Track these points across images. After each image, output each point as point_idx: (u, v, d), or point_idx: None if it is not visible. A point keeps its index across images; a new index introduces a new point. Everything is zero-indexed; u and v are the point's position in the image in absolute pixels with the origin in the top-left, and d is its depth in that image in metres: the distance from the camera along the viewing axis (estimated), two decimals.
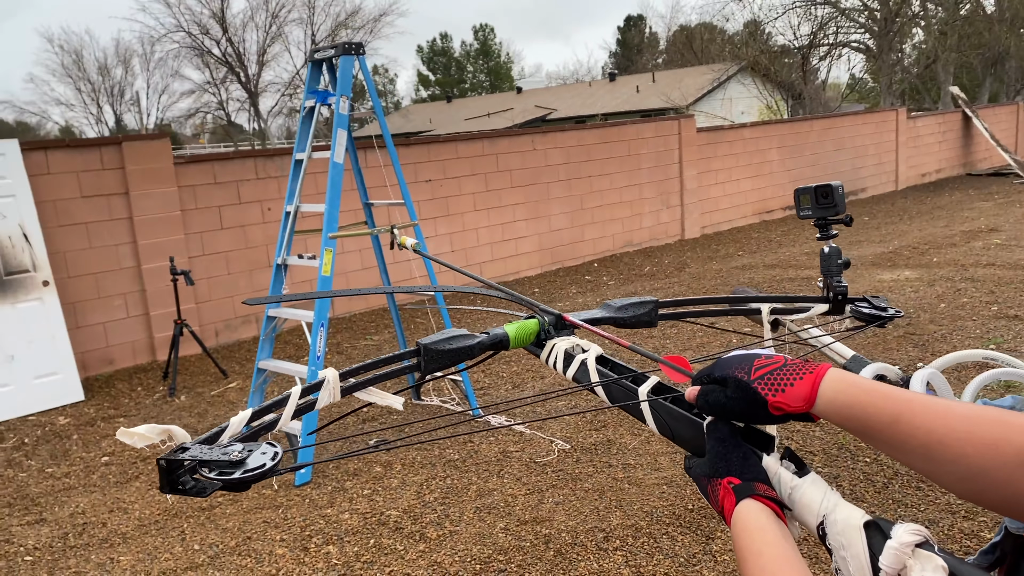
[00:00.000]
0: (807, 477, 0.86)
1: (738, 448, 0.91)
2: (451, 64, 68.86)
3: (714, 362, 0.95)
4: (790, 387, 0.87)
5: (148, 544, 3.96)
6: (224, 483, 0.80)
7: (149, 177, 7.26)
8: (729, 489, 0.87)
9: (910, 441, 0.80)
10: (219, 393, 6.39)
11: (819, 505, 0.83)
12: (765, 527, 0.82)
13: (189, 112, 42.25)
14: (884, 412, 0.82)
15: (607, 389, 1.04)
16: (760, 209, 14.21)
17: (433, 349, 1.06)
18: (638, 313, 1.21)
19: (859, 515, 0.80)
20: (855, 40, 23.45)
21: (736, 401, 0.90)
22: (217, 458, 0.81)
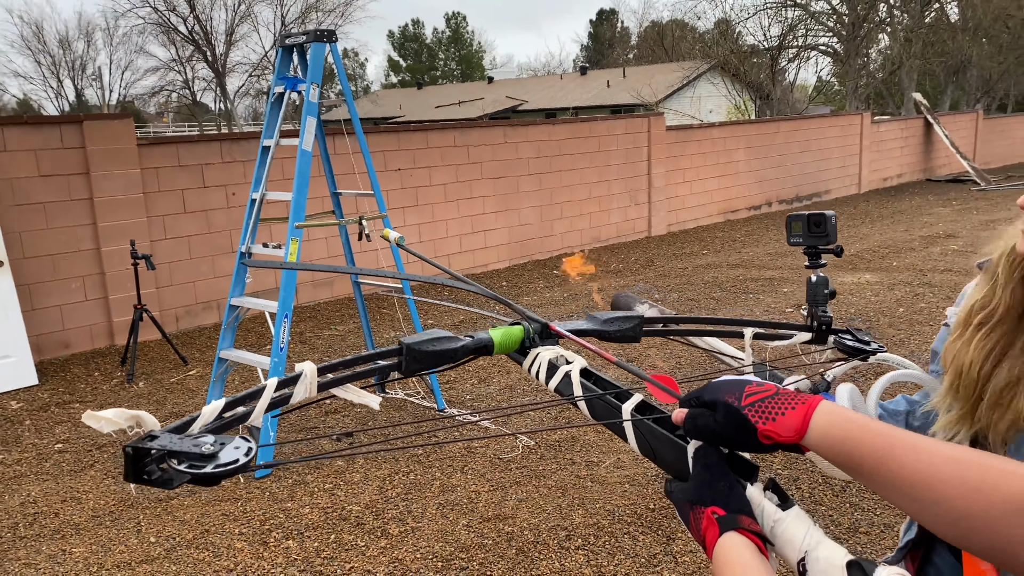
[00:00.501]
0: (791, 511, 0.85)
1: (725, 477, 0.89)
2: (422, 51, 68.38)
3: (704, 385, 0.94)
4: (781, 416, 0.86)
5: (102, 535, 3.88)
6: (194, 476, 0.76)
7: (111, 157, 7.09)
8: (713, 520, 0.86)
9: (896, 480, 0.80)
10: (178, 380, 6.28)
11: (802, 541, 0.82)
12: (748, 564, 0.81)
13: (153, 90, 41.38)
14: (874, 449, 0.82)
15: (590, 404, 1.02)
16: (725, 209, 14.34)
17: (416, 349, 1.03)
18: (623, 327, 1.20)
19: (842, 555, 0.79)
20: (823, 43, 23.75)
21: (724, 427, 0.88)
22: (188, 450, 0.76)
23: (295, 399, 0.95)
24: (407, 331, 7.22)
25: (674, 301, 8.40)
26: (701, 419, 0.90)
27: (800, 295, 8.40)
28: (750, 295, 8.42)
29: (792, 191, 15.88)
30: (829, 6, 22.92)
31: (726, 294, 8.53)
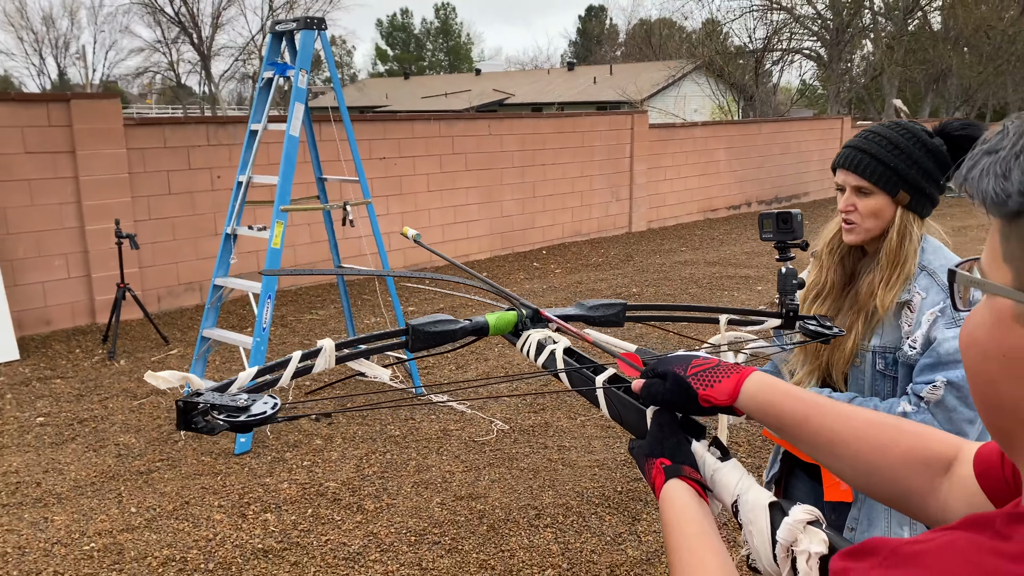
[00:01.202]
0: (728, 462, 0.98)
1: (674, 435, 1.02)
2: (410, 40, 68.19)
3: (659, 359, 1.08)
4: (718, 383, 1.00)
5: (83, 505, 3.98)
6: (231, 424, 0.91)
7: (97, 137, 7.13)
8: (660, 469, 0.98)
9: (816, 438, 0.94)
10: (160, 359, 6.36)
11: (735, 486, 0.95)
12: (687, 504, 0.93)
13: (138, 71, 41.03)
14: (796, 412, 0.95)
15: (569, 376, 1.17)
16: (705, 207, 14.53)
17: (421, 330, 1.18)
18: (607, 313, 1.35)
19: (766, 496, 0.92)
20: (807, 47, 24.02)
21: (672, 393, 1.02)
22: (227, 403, 0.93)
23: (316, 369, 1.11)
24: (388, 317, 7.33)
25: (651, 295, 8.56)
26: (654, 387, 1.04)
27: (774, 292, 8.58)
28: (725, 292, 8.60)
29: (771, 192, 16.10)
30: (814, 10, 23.18)
31: (702, 290, 8.70)
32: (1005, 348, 0.59)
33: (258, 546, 3.59)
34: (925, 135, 1.74)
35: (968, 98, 26.60)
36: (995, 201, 0.57)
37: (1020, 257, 0.57)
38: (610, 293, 8.63)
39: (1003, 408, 0.61)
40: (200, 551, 3.56)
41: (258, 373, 1.06)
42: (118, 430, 4.93)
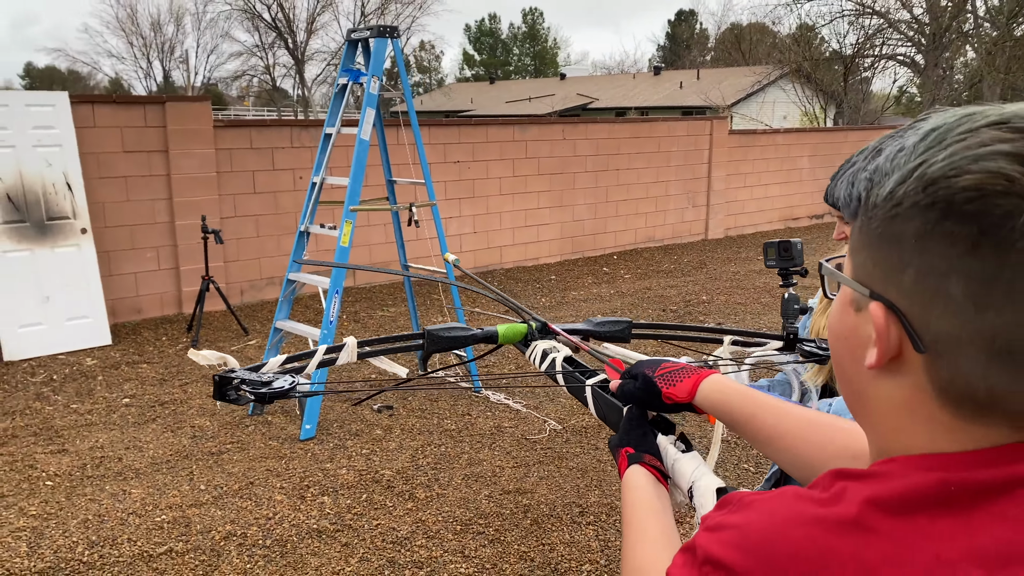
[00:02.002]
0: (688, 454, 1.11)
1: (640, 427, 1.14)
2: (497, 45, 68.83)
3: (636, 363, 1.22)
4: (679, 382, 1.13)
5: (158, 481, 4.27)
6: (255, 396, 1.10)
7: (189, 137, 7.57)
8: (625, 456, 1.10)
9: (760, 434, 1.05)
10: (239, 349, 6.71)
11: (691, 474, 1.07)
12: (643, 486, 1.05)
13: (236, 74, 42.75)
14: (744, 410, 1.06)
15: (565, 379, 1.35)
16: (786, 216, 14.26)
17: (435, 335, 1.37)
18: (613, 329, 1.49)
19: (715, 483, 1.04)
20: (901, 54, 23.21)
21: (641, 391, 1.15)
22: (253, 379, 1.13)
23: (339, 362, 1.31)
24: (452, 317, 7.52)
25: (721, 303, 8.50)
26: (627, 386, 1.18)
27: None
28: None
29: None
30: (910, 15, 22.40)
31: (775, 300, 8.58)
32: (844, 329, 0.69)
33: (313, 526, 3.80)
34: None
35: None
36: (844, 204, 0.67)
37: (855, 252, 0.66)
38: (679, 300, 8.61)
39: (846, 382, 0.71)
40: (260, 528, 3.78)
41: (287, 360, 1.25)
42: (195, 413, 5.25)
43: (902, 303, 0.61)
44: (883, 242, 0.62)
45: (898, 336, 0.62)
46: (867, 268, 0.64)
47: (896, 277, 0.61)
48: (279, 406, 5.36)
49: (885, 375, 0.65)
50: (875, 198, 0.62)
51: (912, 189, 0.59)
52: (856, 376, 0.68)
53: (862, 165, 0.65)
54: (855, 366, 0.68)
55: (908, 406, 0.64)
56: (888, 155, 0.63)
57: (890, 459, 0.65)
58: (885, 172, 0.62)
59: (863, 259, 0.65)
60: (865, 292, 0.64)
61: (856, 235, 0.66)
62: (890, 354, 0.63)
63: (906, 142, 0.62)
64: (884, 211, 0.61)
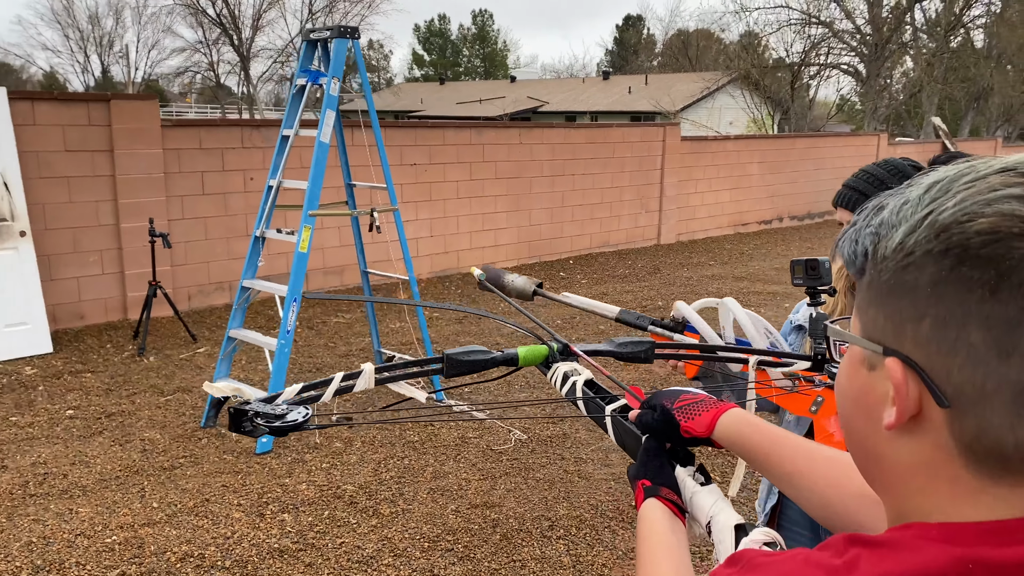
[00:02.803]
0: (707, 487, 1.07)
1: (657, 459, 1.11)
2: (447, 46, 68.60)
3: (655, 392, 1.18)
4: (698, 416, 1.10)
5: (108, 498, 4.07)
6: (269, 428, 1.08)
7: (135, 137, 7.29)
8: (641, 489, 1.08)
9: (778, 471, 1.02)
10: (188, 357, 6.48)
11: (709, 508, 1.03)
12: (658, 519, 1.02)
13: (178, 70, 41.73)
14: (762, 446, 1.04)
15: (585, 404, 1.31)
16: (736, 221, 14.45)
17: (455, 359, 1.32)
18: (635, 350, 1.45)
19: (734, 519, 1.00)
20: (845, 63, 23.79)
21: (659, 423, 1.12)
22: (267, 411, 1.10)
23: (356, 389, 1.26)
24: (412, 324, 7.39)
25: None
26: (645, 417, 1.15)
27: None
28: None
29: (804, 207, 15.97)
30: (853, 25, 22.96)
31: None
32: (855, 389, 0.67)
33: (274, 546, 3.65)
34: (913, 171, 1.86)
35: (1009, 117, 26.17)
36: (848, 262, 0.67)
37: (864, 310, 0.65)
38: (635, 305, 8.62)
39: (858, 445, 0.68)
40: (218, 548, 3.62)
41: (302, 389, 1.21)
42: (144, 425, 5.04)
43: (920, 356, 0.59)
44: (895, 294, 0.60)
45: (918, 392, 0.60)
46: (878, 324, 0.63)
47: (911, 329, 0.59)
48: None
49: (904, 435, 0.62)
50: (884, 250, 0.62)
51: (923, 237, 0.58)
52: (871, 437, 0.66)
53: (864, 223, 0.66)
54: (870, 427, 0.65)
55: (929, 467, 0.61)
56: (893, 209, 0.63)
57: (907, 525, 0.62)
58: (892, 225, 0.62)
59: (873, 315, 0.63)
60: (878, 349, 0.62)
61: (864, 291, 0.65)
62: (910, 412, 0.60)
63: (910, 195, 0.62)
64: (895, 262, 0.60)
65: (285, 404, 1.14)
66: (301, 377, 5.99)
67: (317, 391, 1.23)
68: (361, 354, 6.62)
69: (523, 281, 1.77)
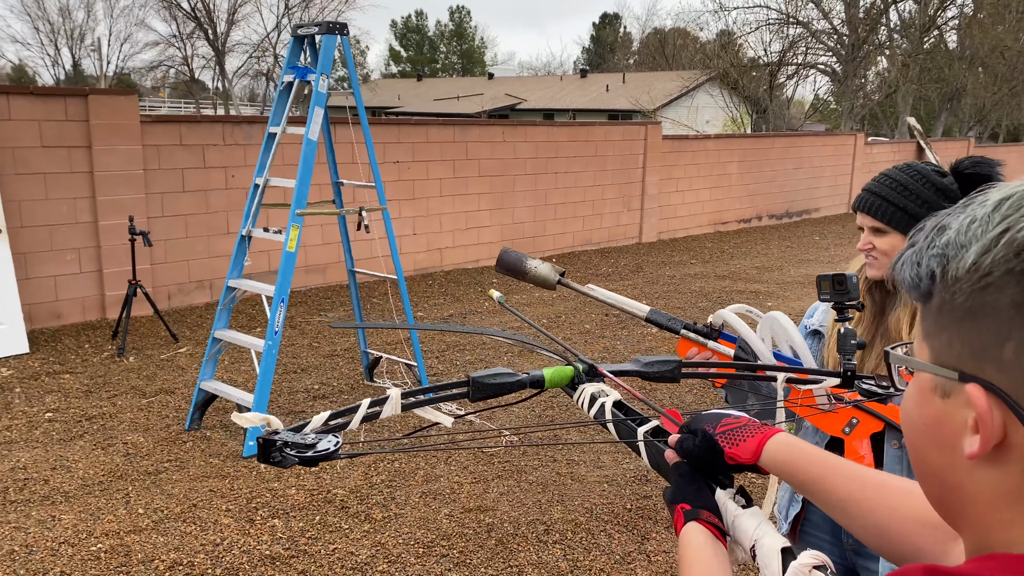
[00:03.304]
0: (749, 510, 1.05)
1: (694, 482, 1.09)
2: (424, 43, 68.34)
3: (695, 416, 1.15)
4: (743, 442, 1.07)
5: (91, 504, 3.97)
6: (300, 459, 1.07)
7: (114, 133, 7.14)
8: (681, 513, 1.05)
9: (829, 497, 1.00)
10: (168, 357, 6.36)
11: (753, 531, 1.01)
12: (701, 544, 1.00)
13: (151, 64, 41.10)
14: (812, 472, 1.01)
15: (616, 427, 1.28)
16: (716, 220, 14.50)
17: (481, 382, 1.29)
18: (662, 370, 1.42)
19: (780, 542, 0.97)
20: (822, 63, 23.99)
21: (701, 449, 1.09)
22: (297, 441, 1.09)
23: (383, 415, 1.24)
24: (399, 321, 7.32)
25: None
26: (686, 442, 1.11)
27: (783, 309, 8.50)
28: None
29: (783, 206, 16.07)
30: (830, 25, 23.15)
31: (712, 304, 8.67)
32: (927, 419, 0.64)
33: (265, 552, 3.58)
34: (935, 175, 1.84)
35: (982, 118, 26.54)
36: (912, 286, 0.64)
37: (935, 335, 0.63)
38: None
39: (932, 476, 0.66)
40: (207, 555, 3.54)
41: (330, 417, 1.19)
42: (126, 428, 4.93)
43: (1003, 381, 0.57)
44: (972, 317, 0.58)
45: (1002, 418, 0.58)
46: (953, 349, 0.61)
47: (993, 353, 0.57)
48: (218, 419, 5.08)
49: (986, 464, 0.60)
50: (955, 271, 0.60)
51: (1002, 256, 0.56)
52: (947, 468, 0.63)
53: (925, 244, 0.64)
54: (946, 457, 0.63)
55: (1014, 496, 0.59)
56: (959, 229, 0.61)
57: (991, 556, 0.60)
58: (961, 244, 0.60)
59: (947, 340, 0.61)
60: (953, 375, 0.60)
61: (934, 316, 0.63)
62: (994, 440, 0.58)
63: (975, 213, 0.60)
64: (970, 284, 0.58)
65: (314, 434, 1.13)
66: (286, 377, 5.90)
67: (344, 419, 1.21)
68: (346, 354, 6.54)
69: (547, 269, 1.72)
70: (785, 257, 12.02)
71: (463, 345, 6.87)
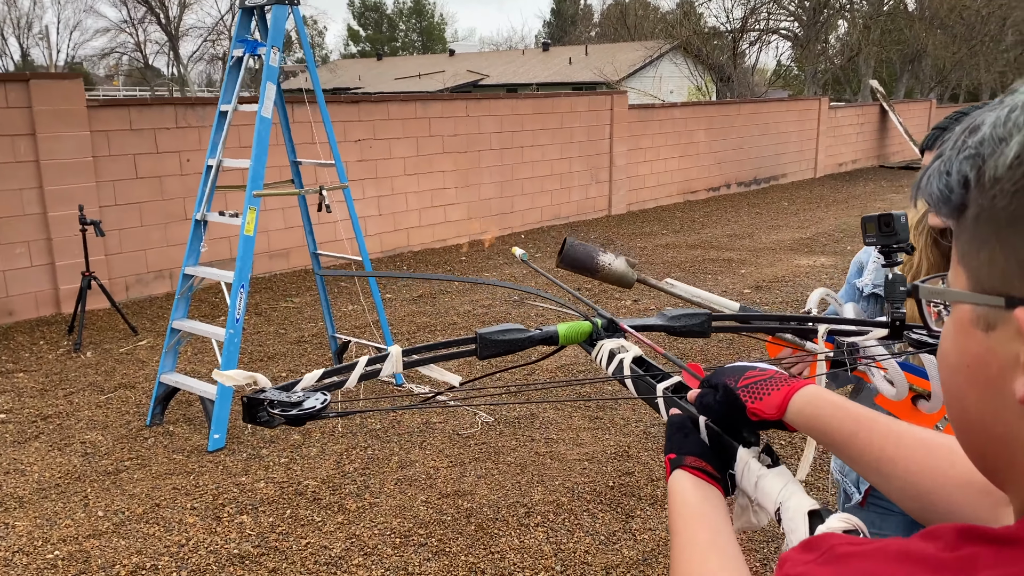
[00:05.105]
0: (774, 469, 0.94)
1: (681, 430, 0.99)
2: (383, 21, 67.32)
3: (717, 369, 1.04)
4: (767, 396, 0.96)
5: (47, 509, 3.76)
6: (285, 418, 1.00)
7: (59, 119, 6.83)
8: (668, 463, 0.97)
9: (864, 456, 0.88)
10: (128, 351, 6.12)
11: (778, 493, 0.90)
12: (686, 490, 0.91)
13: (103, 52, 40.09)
14: (844, 427, 0.89)
15: (635, 384, 1.18)
16: (685, 189, 14.42)
17: (488, 338, 1.20)
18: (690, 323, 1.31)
19: (807, 504, 0.87)
20: (784, 28, 23.93)
21: (721, 404, 0.98)
22: (282, 399, 1.02)
23: (383, 374, 1.15)
24: (367, 303, 7.13)
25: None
26: (706, 397, 1.00)
27: (757, 276, 8.50)
28: (708, 275, 8.49)
29: (750, 173, 16.03)
30: None
31: (686, 274, 8.58)
32: (967, 357, 0.55)
33: (234, 551, 3.41)
34: None
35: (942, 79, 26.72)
36: (941, 199, 0.55)
37: (972, 254, 0.54)
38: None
39: (973, 426, 0.57)
40: (172, 557, 3.37)
41: (323, 375, 1.11)
42: (84, 427, 4.71)
43: None
44: (1018, 223, 0.49)
45: None
46: (996, 267, 0.51)
47: None
48: (181, 414, 4.87)
49: None
50: (993, 171, 0.50)
51: None
52: (993, 415, 0.54)
53: (955, 150, 0.54)
54: (991, 401, 0.54)
55: None
56: (995, 123, 0.51)
57: None
58: (1000, 139, 0.50)
59: (987, 257, 0.52)
60: (999, 302, 0.51)
61: (970, 232, 0.54)
62: None
63: (1016, 101, 0.51)
64: (1013, 182, 0.49)
65: (302, 391, 1.06)
66: (251, 366, 5.69)
67: (340, 376, 1.13)
68: (315, 340, 6.34)
69: (623, 265, 1.56)
70: (755, 224, 11.97)
71: (434, 326, 6.71)
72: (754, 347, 5.99)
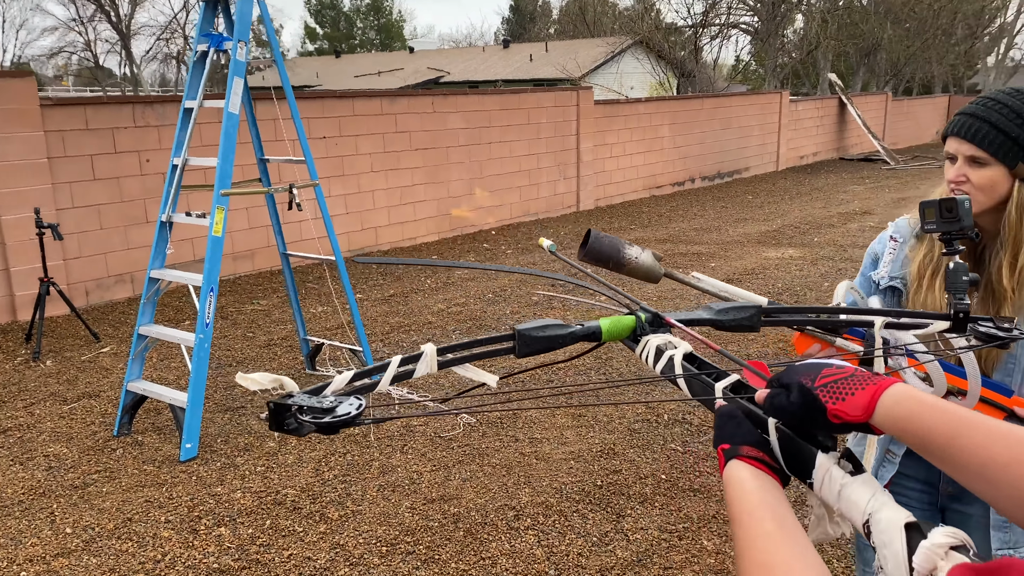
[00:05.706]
0: (859, 476, 0.87)
1: (733, 419, 0.95)
2: (340, 18, 66.58)
3: (788, 367, 0.95)
4: (851, 396, 0.88)
5: (11, 527, 3.58)
6: (316, 425, 0.94)
7: (10, 119, 6.55)
8: (721, 454, 0.93)
9: (968, 461, 0.80)
10: (90, 358, 5.89)
11: (866, 504, 0.84)
12: (745, 479, 0.87)
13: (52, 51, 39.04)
14: (943, 429, 0.82)
15: (688, 383, 1.11)
16: (650, 184, 14.44)
17: (527, 335, 1.14)
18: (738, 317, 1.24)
19: (903, 516, 0.81)
20: (744, 22, 24.13)
21: (796, 406, 0.90)
22: (313, 404, 0.96)
23: (417, 374, 1.09)
24: (339, 304, 6.97)
25: (606, 275, 8.37)
26: (778, 399, 0.92)
27: (727, 268, 8.51)
28: (680, 269, 8.46)
29: (714, 168, 16.12)
30: None
31: None
32: None
33: (213, 565, 3.26)
34: None
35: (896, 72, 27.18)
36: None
37: None
38: (568, 273, 8.42)
39: None
40: (147, 574, 3.21)
41: (354, 377, 1.06)
42: (47, 439, 4.50)
43: None
44: None
45: None
46: None
47: None
48: (150, 422, 4.69)
49: None
50: None
51: None
52: None
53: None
54: None
55: None
56: None
57: None
58: None
59: None
60: None
61: None
62: None
63: None
64: None
65: (333, 396, 1.00)
66: (220, 372, 5.52)
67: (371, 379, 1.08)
68: (284, 343, 6.17)
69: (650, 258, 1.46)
70: (721, 217, 12.02)
71: (408, 326, 6.58)
72: (772, 342, 5.96)
